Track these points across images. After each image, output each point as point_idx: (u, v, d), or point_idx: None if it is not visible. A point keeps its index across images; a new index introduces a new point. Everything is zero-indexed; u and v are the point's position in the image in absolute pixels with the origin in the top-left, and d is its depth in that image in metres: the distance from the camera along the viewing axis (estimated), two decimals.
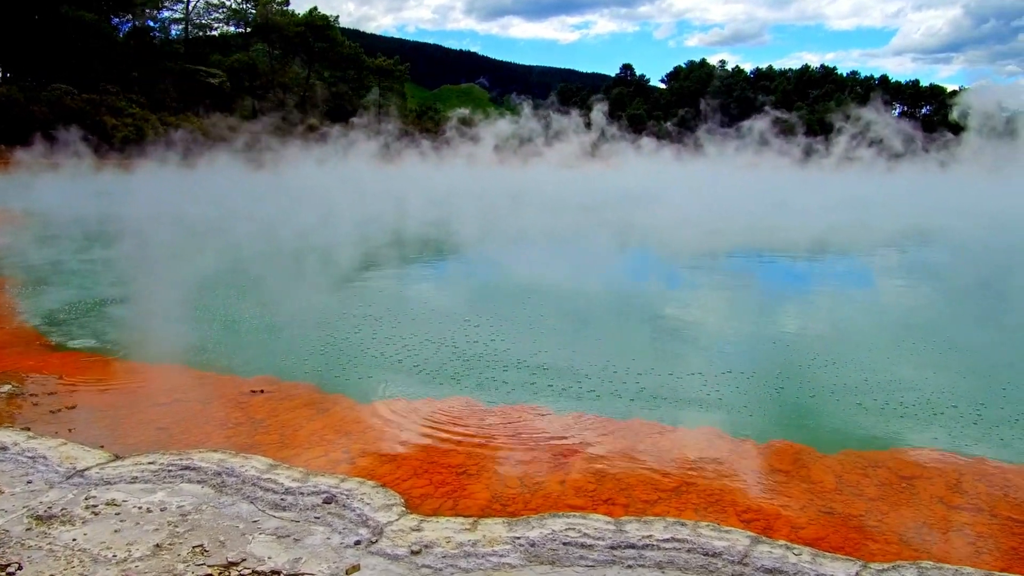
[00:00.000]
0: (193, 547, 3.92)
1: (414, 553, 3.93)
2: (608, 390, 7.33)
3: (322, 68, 78.97)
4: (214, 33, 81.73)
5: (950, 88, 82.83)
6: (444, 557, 3.91)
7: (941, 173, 55.28)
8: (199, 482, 4.73)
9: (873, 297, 13.37)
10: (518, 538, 4.10)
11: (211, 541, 3.99)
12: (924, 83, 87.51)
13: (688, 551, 4.02)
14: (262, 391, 7.01)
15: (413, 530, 4.18)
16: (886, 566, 3.99)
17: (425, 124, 69.83)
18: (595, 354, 8.49)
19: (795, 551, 4.08)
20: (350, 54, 78.65)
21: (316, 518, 4.30)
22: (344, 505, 4.45)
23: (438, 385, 7.40)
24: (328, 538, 4.08)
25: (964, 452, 6.03)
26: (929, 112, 79.67)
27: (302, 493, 4.57)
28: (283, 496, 4.54)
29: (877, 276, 15.77)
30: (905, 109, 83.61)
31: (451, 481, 5.15)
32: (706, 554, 4.00)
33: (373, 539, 4.08)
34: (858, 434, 6.40)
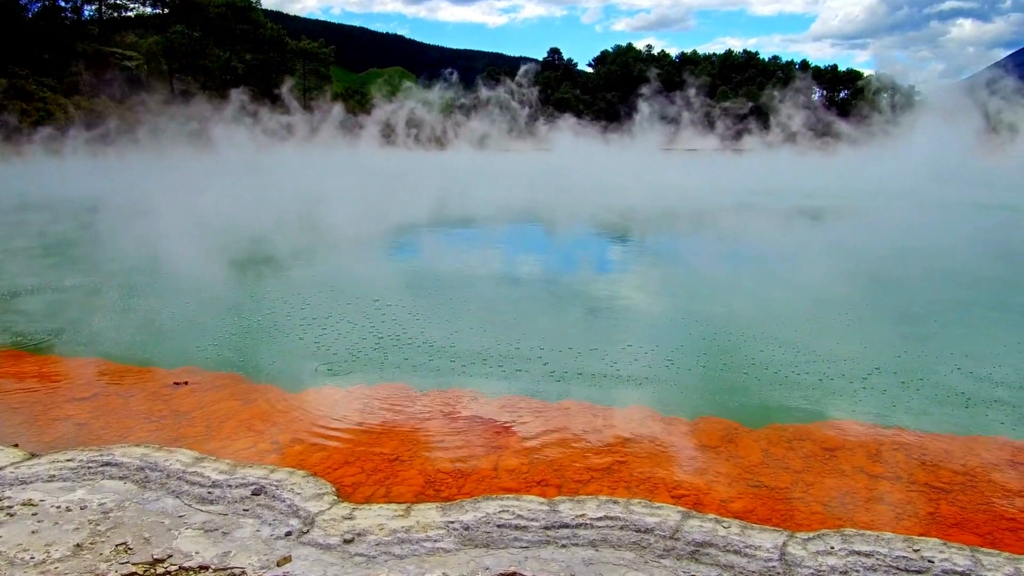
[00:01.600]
0: (116, 545, 3.79)
1: (347, 542, 3.88)
2: (539, 372, 7.36)
3: (244, 51, 76.95)
4: (130, 14, 78.74)
5: (867, 72, 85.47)
6: (377, 544, 3.87)
7: (851, 152, 56.96)
8: (121, 478, 4.58)
9: (789, 274, 13.70)
10: (452, 522, 4.08)
11: (135, 538, 3.86)
12: (842, 68, 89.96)
13: (621, 528, 4.07)
14: (186, 383, 6.83)
15: (345, 518, 4.13)
16: (811, 535, 4.11)
17: (351, 107, 68.59)
18: (526, 337, 8.51)
19: (724, 524, 4.17)
20: (273, 36, 76.86)
21: (245, 510, 4.21)
22: (274, 496, 4.36)
23: (369, 372, 7.32)
24: (258, 530, 4.00)
25: (883, 422, 6.25)
26: (847, 96, 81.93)
27: (230, 485, 4.47)
28: (210, 489, 4.43)
29: (790, 254, 16.14)
30: (825, 93, 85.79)
31: (383, 468, 5.10)
32: (638, 530, 4.06)
33: (304, 529, 4.01)
34: (783, 408, 6.57)
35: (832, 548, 3.94)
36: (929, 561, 3.83)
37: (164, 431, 5.72)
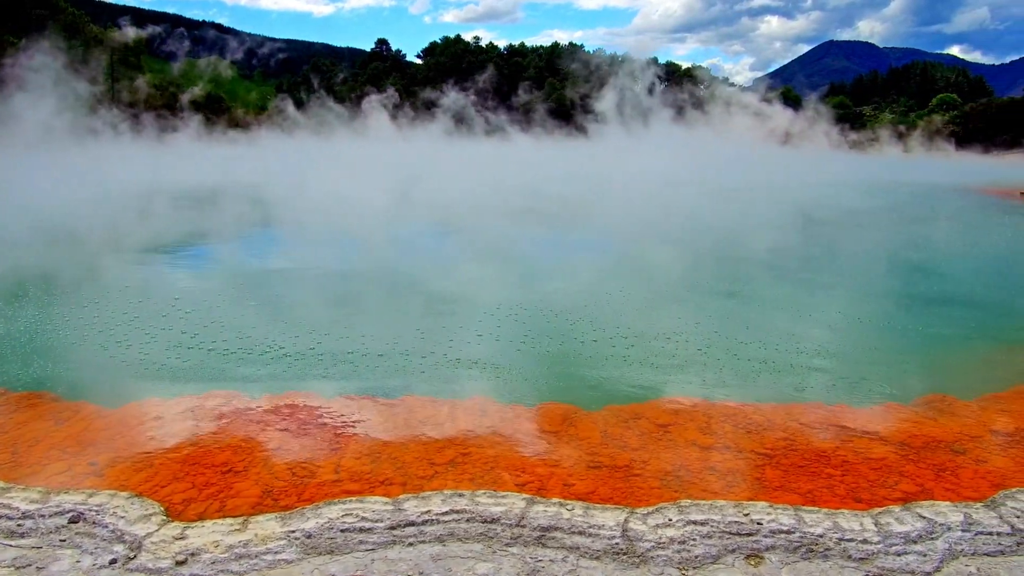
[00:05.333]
0: None
1: (179, 563, 3.64)
2: (376, 369, 7.23)
3: (41, 38, 70.80)
4: None
5: (684, 66, 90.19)
6: (213, 563, 3.66)
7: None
8: None
9: (615, 261, 14.22)
10: (293, 532, 3.93)
11: None
12: (662, 60, 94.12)
13: (467, 521, 4.06)
14: None
15: (176, 539, 3.88)
16: (651, 509, 4.26)
17: (166, 100, 64.57)
18: (359, 334, 8.34)
19: (568, 507, 4.24)
20: (74, 23, 71.18)
21: (62, 541, 3.87)
22: (94, 522, 4.03)
23: (195, 381, 6.90)
24: (78, 561, 3.68)
25: (711, 396, 6.60)
26: (665, 88, 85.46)
27: (43, 515, 4.09)
28: (20, 521, 4.04)
29: (609, 242, 16.76)
30: (646, 85, 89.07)
31: (216, 481, 4.83)
32: (485, 521, 4.06)
33: (131, 555, 3.73)
34: (619, 389, 6.79)
35: (670, 520, 4.09)
36: (758, 523, 4.06)
37: None
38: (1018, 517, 4.19)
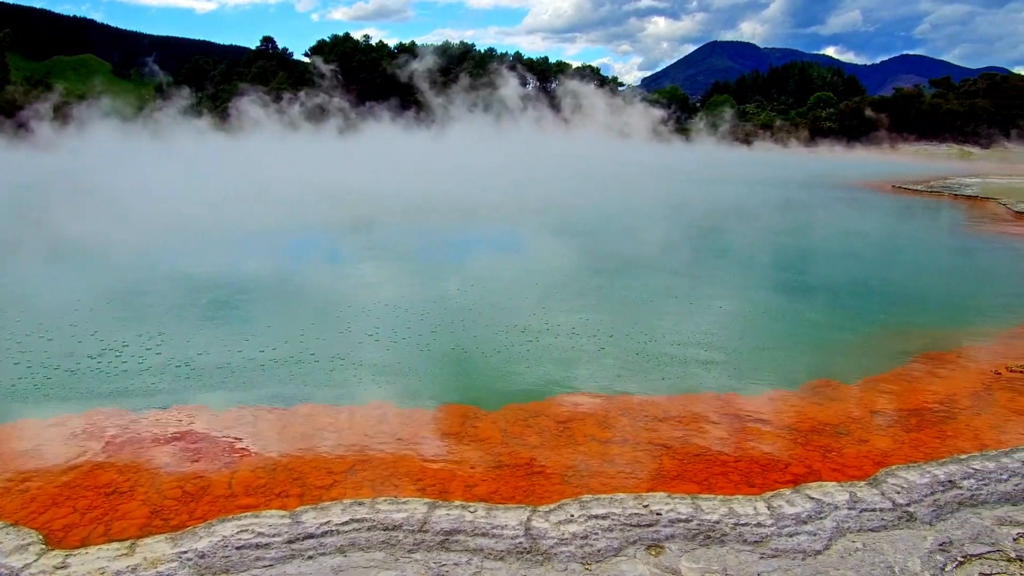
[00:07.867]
0: None
1: None
2: (271, 378, 7.01)
3: None
4: None
5: (575, 64, 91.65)
6: None
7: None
8: None
9: (506, 258, 14.27)
10: (185, 552, 3.76)
11: None
12: (553, 60, 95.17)
13: (368, 529, 3.98)
14: None
15: (58, 568, 3.66)
16: (552, 506, 4.28)
17: (34, 99, 60.78)
18: (248, 341, 8.06)
19: (470, 509, 4.22)
20: None
21: None
22: None
23: (73, 399, 6.50)
24: None
25: (609, 391, 6.69)
26: (555, 87, 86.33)
27: None
28: None
29: (495, 239, 16.83)
30: (537, 83, 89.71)
31: (100, 504, 4.58)
32: (386, 528, 3.99)
33: None
34: (518, 388, 6.80)
35: (572, 516, 4.12)
36: (657, 514, 4.13)
37: None
38: (898, 493, 4.41)
